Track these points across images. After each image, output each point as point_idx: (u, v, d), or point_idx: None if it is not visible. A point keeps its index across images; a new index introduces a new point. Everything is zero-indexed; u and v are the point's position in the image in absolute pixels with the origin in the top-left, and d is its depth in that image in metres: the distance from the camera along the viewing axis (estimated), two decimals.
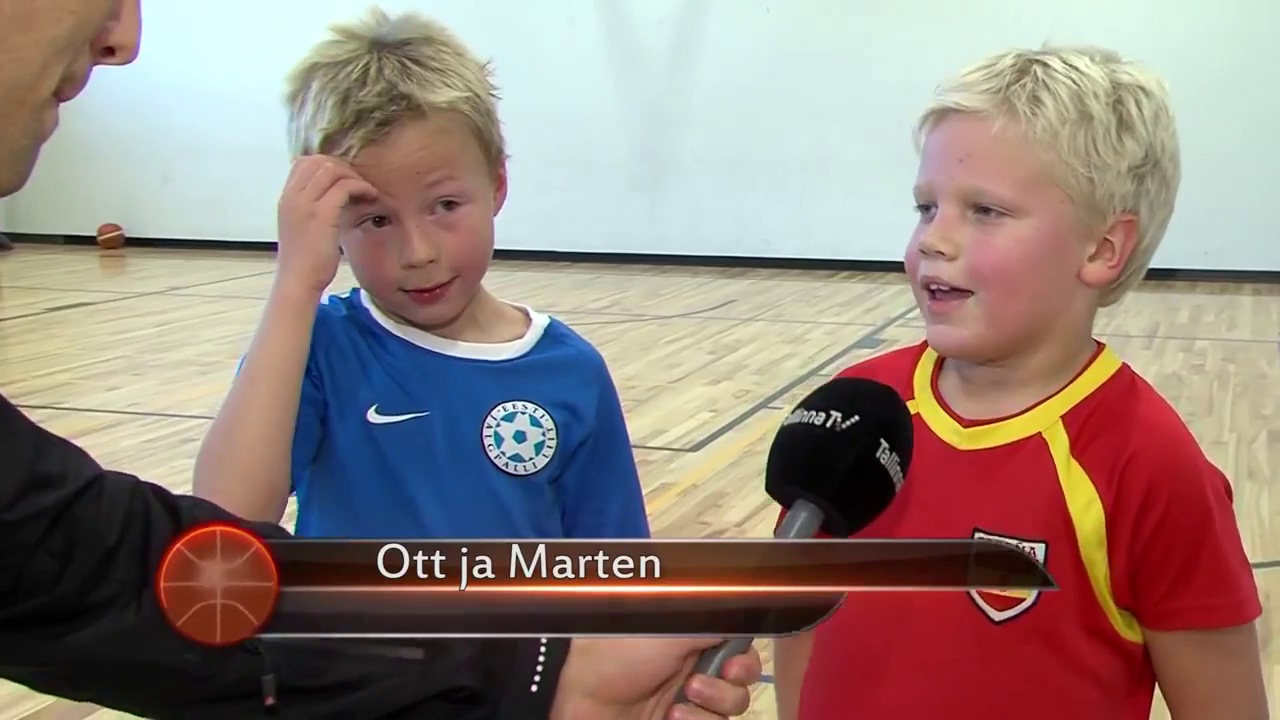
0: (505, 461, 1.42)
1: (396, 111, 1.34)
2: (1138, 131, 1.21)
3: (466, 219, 1.39)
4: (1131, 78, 1.23)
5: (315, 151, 1.37)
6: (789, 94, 10.16)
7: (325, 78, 1.37)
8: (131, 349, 7.11)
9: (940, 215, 1.22)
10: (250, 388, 1.33)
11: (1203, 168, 9.51)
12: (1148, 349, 7.30)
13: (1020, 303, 1.22)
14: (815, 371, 6.64)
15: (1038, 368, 1.25)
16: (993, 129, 1.20)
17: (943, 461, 1.25)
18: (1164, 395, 1.31)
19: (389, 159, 1.35)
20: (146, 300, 8.90)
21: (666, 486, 4.77)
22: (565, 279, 9.84)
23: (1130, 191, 1.21)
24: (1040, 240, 1.21)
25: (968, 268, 1.21)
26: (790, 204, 10.31)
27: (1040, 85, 1.20)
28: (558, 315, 1.59)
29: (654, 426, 5.57)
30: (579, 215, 10.69)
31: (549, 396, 1.45)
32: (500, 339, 1.47)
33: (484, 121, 1.41)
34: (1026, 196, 1.20)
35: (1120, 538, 1.20)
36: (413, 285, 1.39)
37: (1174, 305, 8.78)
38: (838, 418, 1.04)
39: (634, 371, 6.61)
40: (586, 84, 10.57)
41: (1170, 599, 1.20)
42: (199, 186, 11.30)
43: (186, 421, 5.57)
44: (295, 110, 1.39)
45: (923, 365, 1.31)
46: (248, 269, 10.20)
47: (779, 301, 8.96)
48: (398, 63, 1.36)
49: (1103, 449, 1.22)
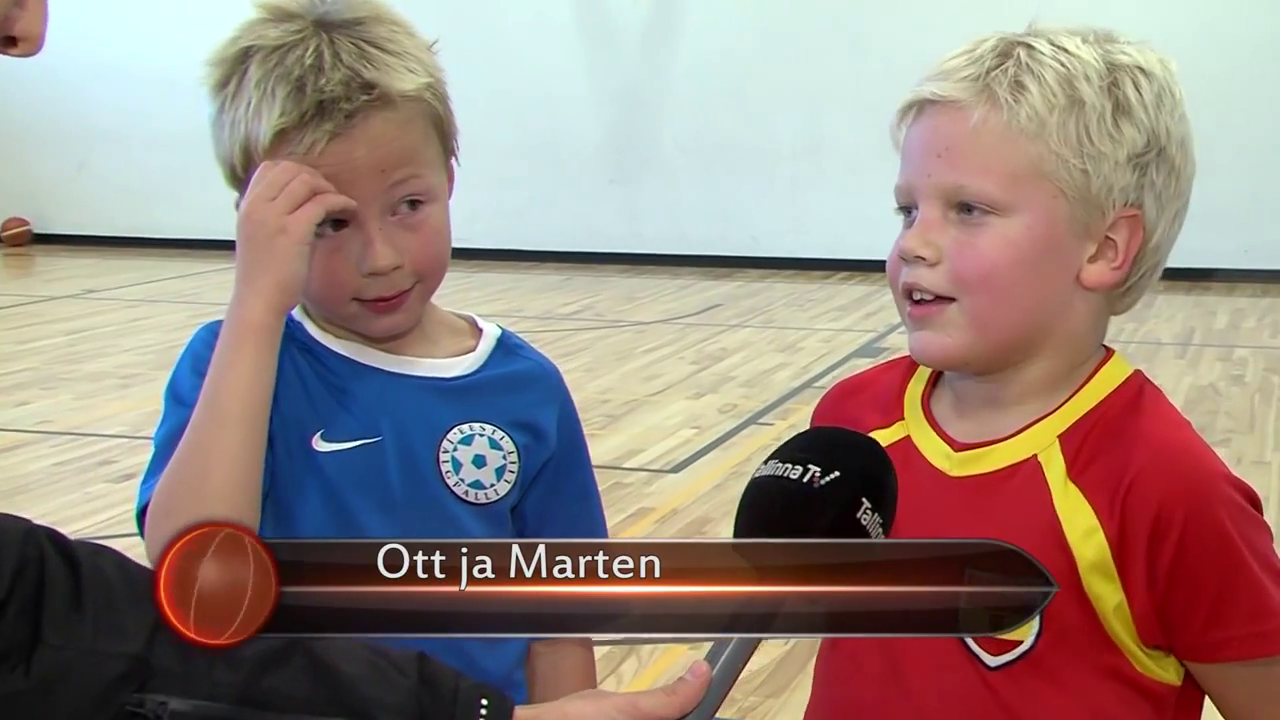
0: (465, 489, 1.42)
1: (365, 101, 1.34)
2: (1137, 116, 1.21)
3: (430, 219, 1.39)
4: (1129, 58, 1.23)
5: (260, 148, 1.35)
6: (779, 75, 10.20)
7: (268, 63, 1.35)
8: (40, 360, 7.07)
9: (920, 217, 1.23)
10: (216, 429, 1.31)
11: (1242, 158, 9.61)
12: (1181, 358, 7.35)
13: (1010, 310, 1.22)
14: (809, 383, 6.66)
15: (1036, 382, 1.25)
16: (972, 120, 1.21)
17: (933, 490, 1.26)
18: (1200, 409, 1.32)
19: (352, 155, 1.34)
20: (58, 305, 8.85)
21: (644, 512, 4.77)
22: (532, 281, 9.85)
23: (1131, 183, 1.21)
24: (1031, 241, 1.21)
25: (950, 273, 1.22)
26: (781, 197, 10.34)
27: (1024, 69, 1.20)
28: (524, 321, 1.60)
29: (630, 445, 5.58)
30: (546, 210, 10.70)
31: (507, 416, 1.45)
32: (449, 352, 1.47)
33: (443, 109, 1.41)
34: (1013, 193, 1.20)
35: (1135, 572, 1.19)
36: (372, 294, 1.38)
37: (1210, 309, 8.83)
38: (816, 472, 1.07)
39: (608, 384, 6.61)
40: (554, 63, 10.58)
41: (1212, 629, 1.20)
42: (118, 176, 11.25)
43: (104, 441, 5.54)
44: (227, 100, 1.37)
45: (915, 381, 1.32)
46: (174, 270, 10.16)
47: (769, 306, 8.98)
48: (352, 45, 1.35)
49: (1102, 470, 1.21)
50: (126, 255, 10.79)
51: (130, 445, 5.45)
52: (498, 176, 9.95)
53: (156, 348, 7.20)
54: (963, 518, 1.24)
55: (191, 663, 0.98)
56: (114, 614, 0.99)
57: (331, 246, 1.37)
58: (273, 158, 1.35)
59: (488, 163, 10.05)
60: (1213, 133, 10.63)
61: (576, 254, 10.56)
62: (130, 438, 5.54)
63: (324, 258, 1.37)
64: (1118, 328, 6.23)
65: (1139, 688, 1.22)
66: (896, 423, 1.30)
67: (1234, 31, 9.51)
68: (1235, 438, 5.71)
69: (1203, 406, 6.19)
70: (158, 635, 0.98)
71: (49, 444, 5.52)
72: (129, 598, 1.00)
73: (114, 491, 4.89)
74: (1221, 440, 5.65)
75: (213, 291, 9.15)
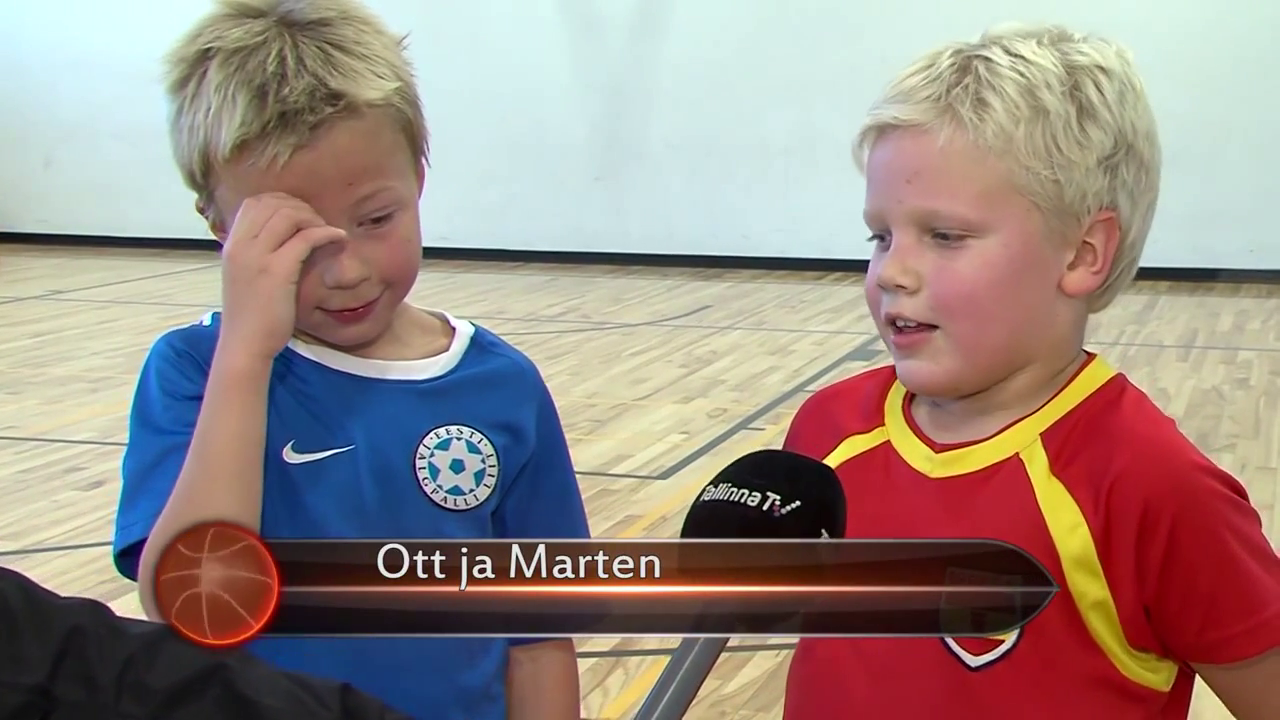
0: (443, 496, 1.41)
1: (330, 112, 1.32)
2: (1102, 118, 1.22)
3: (399, 228, 1.39)
4: (1087, 57, 1.23)
5: (221, 157, 1.33)
6: (770, 68, 10.20)
7: (229, 66, 1.33)
8: (6, 363, 7.05)
9: (896, 244, 1.24)
10: (208, 483, 1.31)
11: (1248, 154, 9.65)
12: (1184, 360, 7.37)
13: (996, 331, 1.24)
14: (801, 387, 6.66)
15: (1020, 389, 1.27)
16: (938, 142, 1.21)
17: (914, 492, 1.27)
18: (1204, 413, 1.33)
19: (317, 167, 1.33)
20: (23, 306, 8.82)
21: (631, 520, 4.77)
22: (515, 282, 9.84)
23: (1104, 186, 1.23)
24: (1009, 259, 1.22)
25: (931, 300, 1.23)
26: (773, 195, 10.35)
27: (983, 84, 1.21)
28: (508, 323, 1.60)
29: (617, 451, 5.58)
30: (530, 209, 10.69)
31: (485, 417, 1.44)
32: (421, 353, 1.46)
33: (413, 113, 1.40)
34: (988, 212, 1.21)
35: (1122, 570, 1.21)
36: (337, 305, 1.38)
37: (1214, 310, 8.86)
38: (776, 500, 1.08)
39: (595, 388, 6.61)
40: (537, 56, 10.58)
41: (1209, 630, 1.21)
42: (86, 173, 11.22)
43: (72, 447, 5.52)
44: (185, 102, 1.36)
45: (896, 387, 1.33)
46: (143, 269, 10.14)
47: (760, 307, 8.99)
48: (317, 49, 1.33)
49: (1085, 465, 1.23)
50: (94, 254, 10.76)
51: (100, 451, 5.43)
52: (479, 174, 9.95)
53: (126, 350, 7.18)
54: (944, 518, 1.25)
55: (97, 694, 0.97)
56: (14, 643, 0.97)
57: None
58: (233, 168, 1.34)
59: (469, 159, 10.05)
60: (1219, 129, 10.61)
61: (561, 254, 10.56)
62: (100, 443, 5.53)
63: None
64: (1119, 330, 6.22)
65: (1124, 691, 1.23)
66: (877, 428, 1.32)
67: (1242, 26, 9.55)
68: (1240, 443, 5.73)
69: (1206, 411, 6.20)
70: (62, 665, 0.97)
71: (14, 450, 5.50)
72: (32, 625, 0.98)
73: (83, 499, 4.88)
74: (1226, 445, 5.67)
75: (185, 292, 9.13)
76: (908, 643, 1.25)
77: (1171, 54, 8.53)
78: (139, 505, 1.39)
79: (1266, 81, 9.52)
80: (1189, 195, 8.78)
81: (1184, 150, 8.26)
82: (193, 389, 1.38)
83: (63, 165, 11.33)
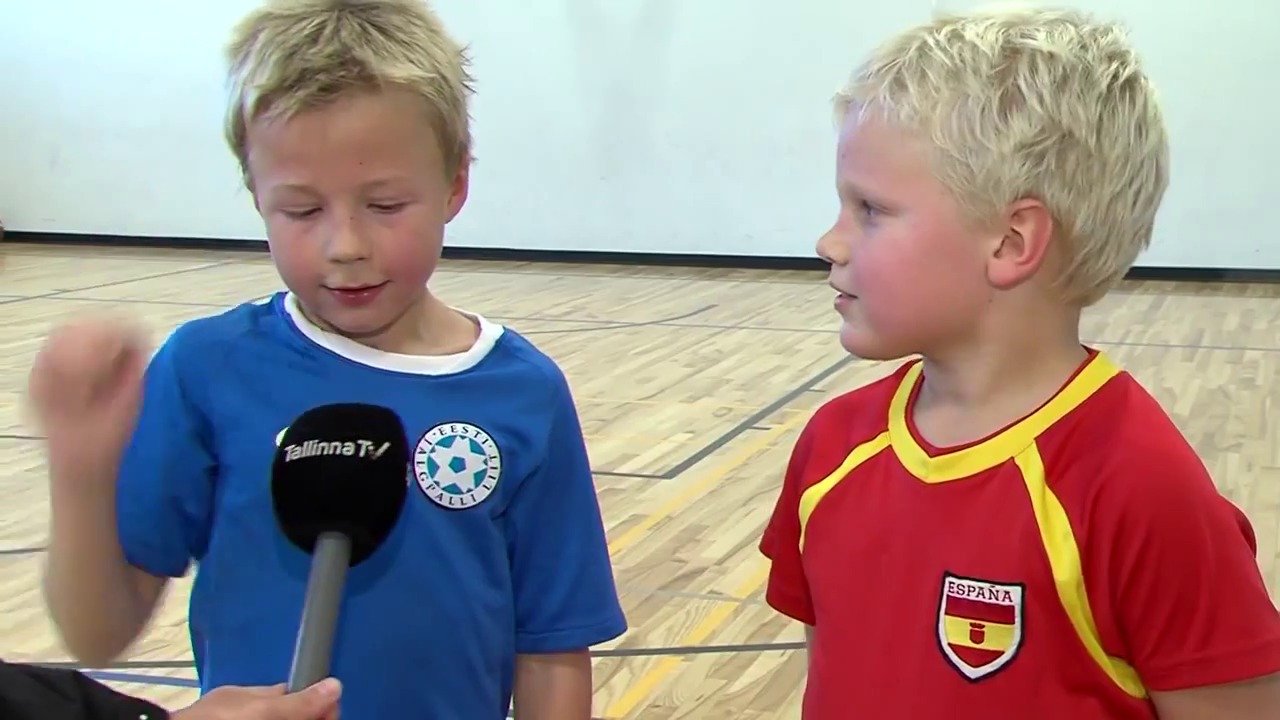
0: (439, 493, 1.41)
1: (345, 78, 1.34)
2: (1029, 105, 1.19)
3: (410, 219, 1.38)
4: (1034, 42, 1.21)
5: (247, 112, 1.36)
6: (775, 67, 10.20)
7: (275, 30, 1.36)
8: (11, 362, 7.06)
9: (839, 216, 1.27)
10: (50, 563, 1.37)
11: (1254, 153, 9.63)
12: (1189, 360, 7.36)
13: (902, 309, 1.24)
14: (807, 386, 6.66)
15: (987, 378, 1.25)
16: (859, 120, 1.24)
17: (912, 498, 1.26)
18: (1210, 413, 1.32)
19: (328, 133, 1.34)
20: (30, 305, 8.84)
21: (637, 519, 4.77)
22: (520, 281, 9.84)
23: (1023, 173, 1.20)
24: (916, 240, 1.22)
25: (850, 272, 1.26)
26: (777, 194, 10.34)
27: (908, 67, 1.22)
28: (514, 323, 1.59)
29: (623, 450, 5.58)
30: (534, 208, 10.70)
31: (494, 419, 1.44)
32: (444, 351, 1.46)
33: (448, 110, 1.40)
34: (899, 192, 1.22)
35: (1098, 579, 1.19)
36: (335, 282, 1.38)
37: (1220, 310, 8.85)
38: (369, 446, 1.21)
39: (600, 387, 6.61)
40: (543, 56, 10.58)
41: (1163, 653, 1.18)
42: (91, 171, 11.23)
43: None
44: (236, 64, 1.38)
45: (902, 390, 1.33)
46: (149, 269, 10.15)
47: (765, 307, 8.99)
48: (358, 26, 1.36)
49: (1078, 475, 1.21)
50: (99, 253, 10.77)
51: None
52: (483, 173, 9.82)
53: None
54: (939, 525, 1.24)
55: None
56: None
57: (302, 228, 1.37)
58: (256, 126, 1.36)
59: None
60: (1224, 127, 10.62)
61: (565, 253, 10.56)
62: None
63: (293, 237, 1.38)
64: (1124, 330, 6.23)
65: (1113, 702, 1.21)
66: (881, 433, 1.31)
67: (1247, 24, 9.53)
68: (1246, 443, 5.72)
69: (1212, 410, 6.19)
70: None
71: (20, 449, 5.51)
72: None
73: None
74: (1232, 445, 5.66)
75: (191, 291, 9.14)
76: (907, 655, 1.24)
77: (1177, 53, 8.51)
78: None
79: (1273, 80, 9.50)
80: (1195, 195, 8.76)
81: (1190, 150, 8.24)
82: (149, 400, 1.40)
83: (68, 164, 11.34)
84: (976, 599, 1.21)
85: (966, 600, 1.22)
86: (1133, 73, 1.23)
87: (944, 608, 1.22)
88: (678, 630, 3.87)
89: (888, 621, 1.26)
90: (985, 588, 1.21)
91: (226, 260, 10.20)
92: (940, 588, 1.23)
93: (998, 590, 1.20)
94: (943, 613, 1.23)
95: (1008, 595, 1.20)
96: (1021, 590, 1.20)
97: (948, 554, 1.23)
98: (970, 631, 1.21)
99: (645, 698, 3.46)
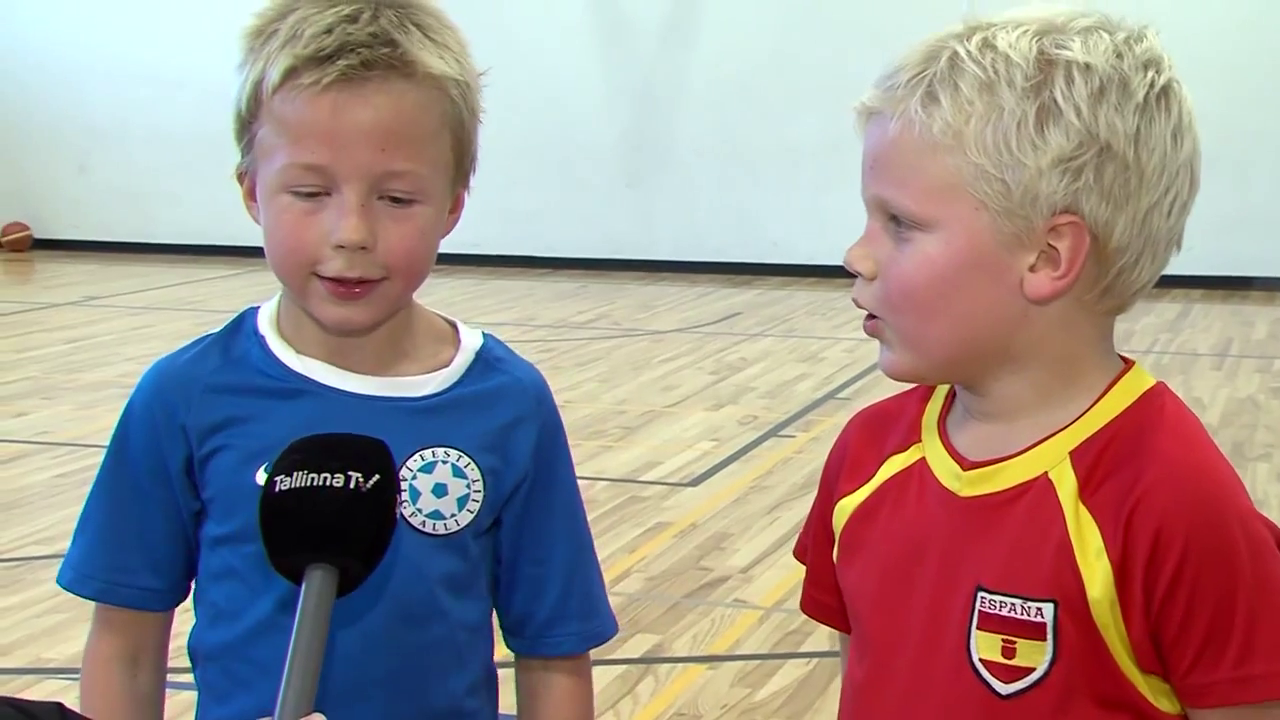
0: (422, 520, 1.40)
1: (386, 56, 1.33)
2: (1066, 118, 1.17)
3: (418, 217, 1.37)
4: (1069, 53, 1.18)
5: (270, 84, 1.34)
6: (799, 73, 10.19)
7: (310, 9, 1.35)
8: (40, 369, 7.10)
9: (866, 228, 1.24)
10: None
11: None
12: (1218, 369, 7.32)
13: (938, 328, 1.21)
14: (832, 395, 6.65)
15: (1024, 396, 1.23)
16: (889, 133, 1.21)
17: (945, 511, 1.25)
18: (1239, 422, 1.30)
19: (353, 113, 1.33)
20: (58, 312, 8.88)
21: (661, 526, 4.76)
22: (545, 289, 9.85)
23: (1061, 188, 1.17)
24: (950, 257, 1.19)
25: (879, 291, 1.23)
26: (802, 201, 10.33)
27: (940, 78, 1.19)
28: (538, 330, 1.58)
29: (647, 458, 5.57)
30: (559, 215, 10.71)
31: (475, 439, 1.42)
32: (423, 367, 1.44)
33: (467, 119, 1.40)
34: (933, 207, 1.19)
35: (1132, 597, 1.17)
36: (333, 271, 1.35)
37: (1249, 319, 8.80)
38: (359, 478, 1.20)
39: (625, 394, 6.61)
40: (568, 62, 10.59)
41: (1199, 670, 1.17)
42: (119, 178, 11.29)
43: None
44: (258, 43, 1.37)
45: (933, 402, 1.31)
46: (175, 276, 10.19)
47: (790, 314, 8.98)
48: (396, 17, 1.36)
49: (1112, 490, 1.19)
50: (127, 260, 10.82)
51: None
52: (509, 180, 9.95)
53: (159, 356, 7.20)
54: (973, 540, 1.23)
55: None
56: None
57: (307, 209, 1.35)
58: (279, 95, 1.34)
59: (498, 166, 10.03)
60: (1253, 135, 10.54)
61: (590, 260, 10.56)
62: None
63: (296, 218, 1.35)
64: (1152, 338, 6.19)
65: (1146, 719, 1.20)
66: (913, 444, 1.30)
67: (1277, 30, 9.48)
68: (1275, 452, 5.68)
69: (1241, 420, 6.16)
70: None
71: (48, 455, 5.54)
72: None
73: None
74: (1261, 455, 5.63)
75: (217, 298, 9.17)
76: (939, 670, 1.23)
77: (1205, 59, 8.46)
78: (83, 528, 1.49)
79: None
80: (1223, 202, 8.72)
81: (1218, 157, 8.19)
82: (116, 451, 1.47)
83: (96, 171, 11.39)
84: (1008, 614, 1.20)
85: (998, 615, 1.20)
86: (1168, 80, 1.21)
87: (975, 623, 1.21)
88: (703, 638, 3.86)
89: (919, 635, 1.25)
90: (1017, 603, 1.20)
91: (251, 267, 10.24)
92: (972, 602, 1.22)
93: (1030, 606, 1.19)
94: (974, 628, 1.21)
95: (1040, 611, 1.19)
96: (1054, 607, 1.18)
97: (980, 568, 1.22)
98: (1002, 647, 1.20)
99: (670, 706, 3.46)
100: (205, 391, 1.42)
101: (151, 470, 1.43)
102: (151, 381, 1.46)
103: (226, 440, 1.40)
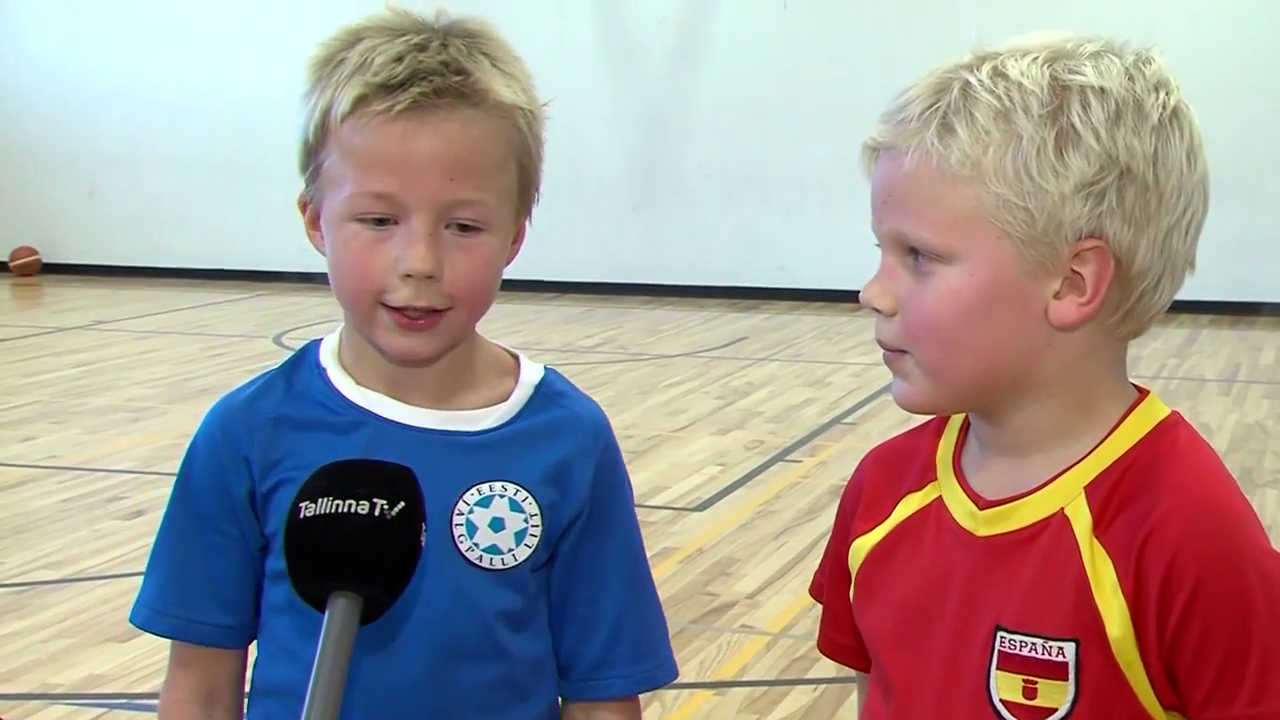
0: (479, 555, 1.39)
1: (456, 83, 1.33)
2: (1085, 143, 1.16)
3: (484, 247, 1.37)
4: (1083, 78, 1.18)
5: (339, 112, 1.34)
6: (807, 98, 10.21)
7: (378, 39, 1.35)
8: (49, 393, 7.11)
9: (881, 264, 1.23)
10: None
11: None
12: (1226, 395, 7.31)
13: (964, 360, 1.20)
14: (839, 419, 6.64)
15: (1043, 427, 1.23)
16: (905, 166, 1.20)
17: (962, 551, 1.24)
18: (1247, 448, 1.29)
19: (422, 143, 1.32)
20: (67, 336, 8.90)
21: (668, 551, 4.76)
22: (552, 312, 9.86)
23: (1085, 213, 1.17)
24: (975, 288, 1.18)
25: (901, 326, 1.22)
26: (810, 226, 10.34)
27: (954, 108, 1.18)
28: (545, 354, 1.58)
29: (654, 482, 5.57)
30: (567, 239, 10.71)
31: (533, 474, 1.41)
32: (483, 400, 1.43)
33: (533, 148, 1.41)
34: (954, 239, 1.18)
35: (1148, 631, 1.16)
36: (400, 300, 1.34)
37: (1257, 344, 8.78)
38: (384, 505, 1.18)
39: (631, 419, 6.60)
40: (576, 86, 10.61)
41: (1214, 706, 1.16)
42: (129, 204, 11.32)
43: (113, 477, 5.56)
44: (326, 71, 1.36)
45: (946, 438, 1.31)
46: (184, 300, 10.21)
47: (797, 339, 8.97)
48: (464, 46, 1.36)
49: (1125, 524, 1.18)
50: (135, 285, 10.84)
51: (140, 480, 5.46)
52: None
53: (167, 380, 7.22)
54: (991, 580, 1.22)
55: None
56: None
57: (375, 238, 1.34)
58: (349, 122, 1.33)
59: None
60: (1262, 158, 10.55)
61: (597, 284, 10.57)
62: (140, 473, 5.56)
63: (362, 248, 1.35)
64: (1159, 364, 6.18)
65: None
66: (929, 483, 1.29)
67: (1273, 35, 9.48)
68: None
69: (1250, 446, 6.14)
70: None
71: (56, 479, 5.54)
72: None
73: (123, 529, 4.90)
74: (1270, 481, 5.61)
75: (226, 323, 9.19)
76: (958, 712, 1.22)
77: (1213, 82, 8.47)
78: (153, 568, 1.47)
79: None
80: (1231, 227, 8.71)
81: (1226, 181, 8.18)
82: (182, 488, 1.45)
83: (106, 195, 11.43)
84: (1029, 654, 1.19)
85: (1019, 656, 1.19)
86: (1177, 101, 1.21)
87: (995, 663, 1.20)
88: (709, 664, 3.85)
89: (939, 676, 1.23)
90: (1038, 643, 1.19)
91: (259, 292, 10.26)
92: (992, 643, 1.20)
93: (1051, 646, 1.18)
94: (994, 668, 1.20)
95: (1061, 651, 1.18)
96: (1075, 646, 1.17)
97: (999, 608, 1.21)
98: (1023, 688, 1.19)
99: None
100: (269, 425, 1.42)
101: (217, 504, 1.42)
102: (215, 417, 1.45)
103: (287, 474, 1.40)
